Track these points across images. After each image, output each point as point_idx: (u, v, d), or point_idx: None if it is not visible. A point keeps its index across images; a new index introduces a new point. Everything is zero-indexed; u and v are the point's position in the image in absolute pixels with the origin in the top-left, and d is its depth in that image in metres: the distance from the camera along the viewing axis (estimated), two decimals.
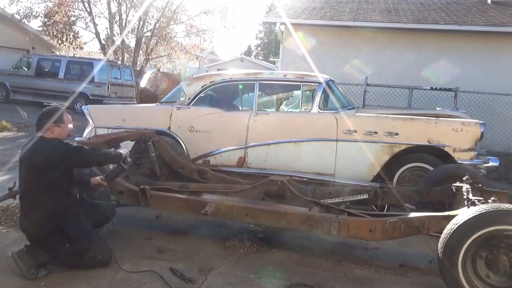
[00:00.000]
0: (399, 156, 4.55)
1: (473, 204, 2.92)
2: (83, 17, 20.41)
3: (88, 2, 18.80)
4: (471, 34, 9.02)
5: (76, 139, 4.34)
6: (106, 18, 19.27)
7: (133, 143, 4.52)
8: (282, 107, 6.16)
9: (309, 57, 8.58)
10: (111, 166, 3.54)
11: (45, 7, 19.42)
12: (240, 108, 5.39)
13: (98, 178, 3.26)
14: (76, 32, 23.16)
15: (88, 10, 18.99)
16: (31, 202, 2.88)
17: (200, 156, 4.91)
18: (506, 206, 2.63)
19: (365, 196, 3.80)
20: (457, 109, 7.02)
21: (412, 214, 3.14)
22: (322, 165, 4.64)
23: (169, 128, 4.96)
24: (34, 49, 18.25)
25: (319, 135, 4.66)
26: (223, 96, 5.42)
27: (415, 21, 9.35)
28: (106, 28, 19.94)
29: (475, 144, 4.42)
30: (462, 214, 2.67)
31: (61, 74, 14.45)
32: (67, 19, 19.59)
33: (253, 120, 4.82)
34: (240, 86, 5.27)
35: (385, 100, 8.55)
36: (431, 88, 8.18)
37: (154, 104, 5.60)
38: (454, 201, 3.45)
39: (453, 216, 2.78)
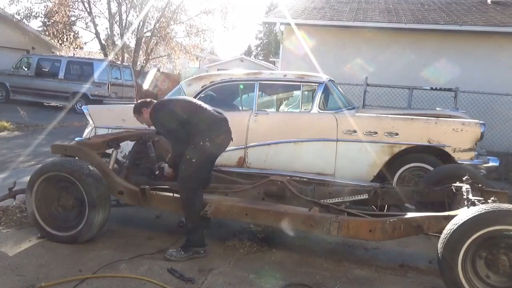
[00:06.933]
0: (399, 156, 4.55)
1: (473, 204, 2.91)
2: (83, 17, 20.51)
3: (88, 2, 18.84)
4: (471, 34, 9.01)
5: (76, 139, 4.34)
6: (106, 18, 19.30)
7: (133, 143, 4.51)
8: (282, 107, 6.16)
9: (309, 57, 8.58)
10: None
11: (45, 7, 19.47)
12: (240, 108, 5.38)
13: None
14: (76, 32, 23.22)
15: (88, 10, 19.04)
16: None
17: None
18: (506, 206, 2.63)
19: (365, 196, 3.79)
20: (457, 109, 7.02)
21: (412, 214, 3.14)
22: (322, 165, 4.64)
23: None
24: (34, 49, 18.26)
25: (319, 135, 4.66)
26: (223, 96, 5.42)
27: (415, 21, 9.34)
28: (106, 28, 20.03)
29: (475, 144, 4.42)
30: (462, 214, 2.67)
31: (61, 74, 14.46)
32: (67, 19, 19.60)
33: (253, 120, 4.82)
34: (240, 86, 5.26)
35: (385, 100, 8.55)
36: (431, 88, 8.17)
37: None
38: (454, 201, 3.45)
39: (453, 216, 2.78)
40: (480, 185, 3.44)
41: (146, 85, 18.95)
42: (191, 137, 3.31)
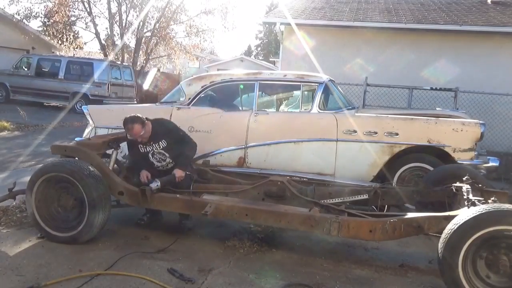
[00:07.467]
0: (399, 156, 4.55)
1: (473, 204, 2.92)
2: (83, 17, 20.47)
3: (88, 2, 18.82)
4: (471, 34, 9.01)
5: (76, 139, 4.34)
6: (106, 18, 19.29)
7: None
8: (282, 107, 6.16)
9: (309, 57, 8.58)
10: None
11: (45, 7, 19.45)
12: (240, 108, 5.38)
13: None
14: (76, 32, 23.17)
15: (88, 10, 19.02)
16: None
17: (200, 156, 4.89)
18: (506, 206, 2.63)
19: (365, 196, 3.79)
20: (457, 109, 7.02)
21: (412, 215, 3.14)
22: (322, 165, 4.64)
23: None
24: (34, 49, 18.24)
25: (319, 135, 4.66)
26: (223, 96, 5.42)
27: (415, 21, 9.34)
28: (106, 28, 20.02)
29: (475, 144, 4.42)
30: (462, 214, 2.67)
31: (61, 74, 14.46)
32: (67, 19, 19.58)
33: (253, 120, 4.82)
34: (240, 86, 5.26)
35: (385, 100, 8.55)
36: (431, 88, 8.17)
37: (154, 104, 5.60)
38: (454, 201, 3.45)
39: (453, 217, 2.78)
40: (480, 185, 3.44)
41: (146, 85, 18.96)
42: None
